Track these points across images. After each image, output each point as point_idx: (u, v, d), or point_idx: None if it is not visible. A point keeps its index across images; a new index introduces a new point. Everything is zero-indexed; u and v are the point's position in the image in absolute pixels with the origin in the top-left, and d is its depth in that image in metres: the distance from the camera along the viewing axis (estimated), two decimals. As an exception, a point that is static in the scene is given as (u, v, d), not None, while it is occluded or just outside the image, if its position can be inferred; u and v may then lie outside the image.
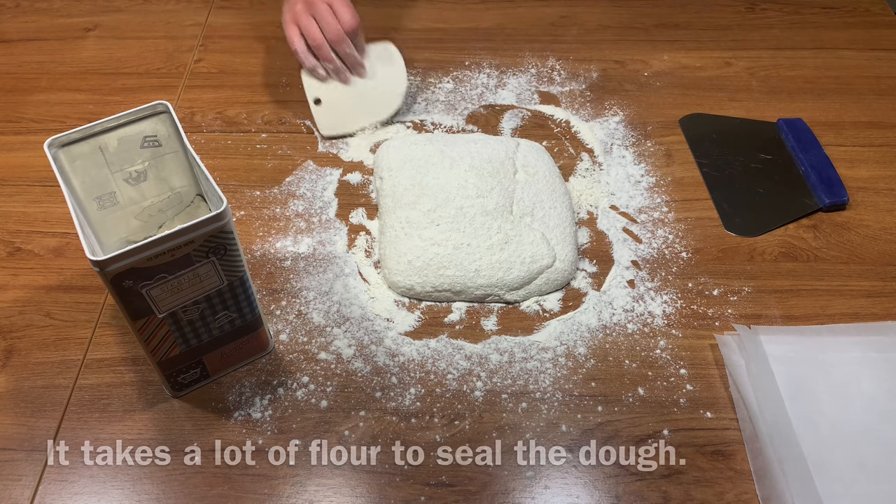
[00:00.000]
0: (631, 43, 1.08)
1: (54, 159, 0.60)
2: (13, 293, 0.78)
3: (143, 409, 0.69)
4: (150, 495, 0.64)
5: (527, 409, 0.69)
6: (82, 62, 1.05)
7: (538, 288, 0.77)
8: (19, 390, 0.70)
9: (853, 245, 0.82)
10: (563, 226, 0.80)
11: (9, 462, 0.66)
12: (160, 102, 0.63)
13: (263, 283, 0.79)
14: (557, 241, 0.79)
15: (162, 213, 0.70)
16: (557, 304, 0.77)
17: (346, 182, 0.89)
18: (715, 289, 0.78)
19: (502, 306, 0.77)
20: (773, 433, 0.65)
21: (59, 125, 0.95)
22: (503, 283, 0.76)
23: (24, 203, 0.86)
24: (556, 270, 0.78)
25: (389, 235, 0.79)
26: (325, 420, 0.68)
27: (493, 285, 0.76)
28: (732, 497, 0.64)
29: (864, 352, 0.72)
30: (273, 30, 1.10)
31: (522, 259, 0.77)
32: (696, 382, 0.71)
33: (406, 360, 0.73)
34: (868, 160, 0.92)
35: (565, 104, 0.99)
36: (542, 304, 0.77)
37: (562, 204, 0.83)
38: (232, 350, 0.69)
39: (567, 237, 0.80)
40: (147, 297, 0.58)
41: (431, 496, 0.64)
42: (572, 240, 0.80)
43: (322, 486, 0.64)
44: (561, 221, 0.81)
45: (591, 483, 0.65)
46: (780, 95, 1.00)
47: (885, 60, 1.05)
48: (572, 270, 0.79)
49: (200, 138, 0.94)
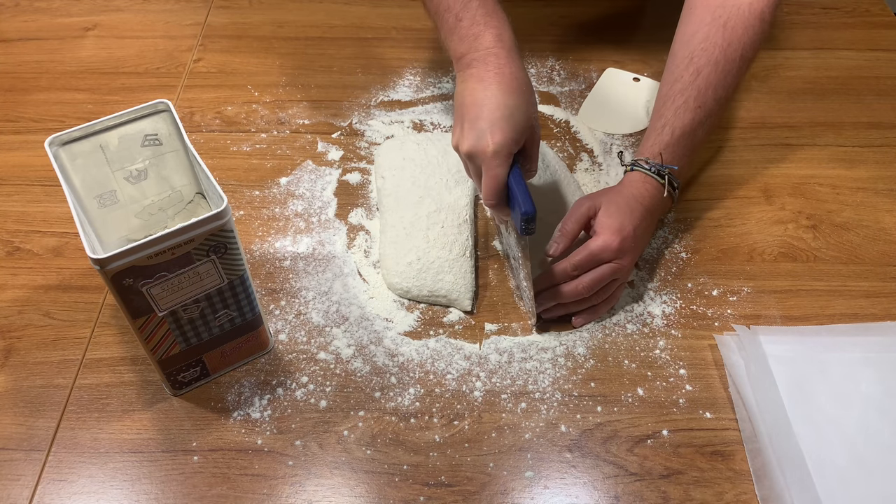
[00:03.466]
0: (631, 43, 1.08)
1: (55, 158, 0.60)
2: (12, 293, 0.78)
3: (141, 410, 0.69)
4: (149, 495, 0.64)
5: (526, 409, 0.69)
6: (81, 62, 1.05)
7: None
8: (18, 390, 0.70)
9: (852, 245, 0.82)
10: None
11: (7, 462, 0.66)
12: (161, 101, 0.63)
13: (262, 282, 0.78)
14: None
15: (162, 211, 0.70)
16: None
17: (345, 182, 0.89)
18: (714, 289, 0.78)
19: (501, 306, 0.77)
20: (772, 433, 0.65)
21: (59, 125, 0.95)
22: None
23: (23, 203, 0.86)
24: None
25: (390, 235, 0.79)
26: (324, 420, 0.68)
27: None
28: (732, 497, 0.64)
29: (864, 352, 0.72)
30: (273, 29, 1.10)
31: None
32: (695, 382, 0.71)
33: (405, 360, 0.72)
34: (868, 160, 0.92)
35: (565, 104, 0.99)
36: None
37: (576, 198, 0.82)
38: (232, 349, 0.69)
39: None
40: (147, 295, 0.58)
41: (430, 496, 0.64)
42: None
43: (321, 486, 0.64)
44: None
45: (590, 483, 0.65)
46: (780, 95, 1.00)
47: (885, 60, 1.05)
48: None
49: (200, 138, 0.94)
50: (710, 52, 0.77)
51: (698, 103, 0.77)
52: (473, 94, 0.69)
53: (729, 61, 0.77)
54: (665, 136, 0.77)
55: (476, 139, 0.67)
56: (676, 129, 0.77)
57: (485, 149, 0.67)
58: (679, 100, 0.77)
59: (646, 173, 0.77)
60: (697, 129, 0.78)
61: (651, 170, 0.77)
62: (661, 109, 0.79)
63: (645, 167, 0.77)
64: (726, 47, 0.77)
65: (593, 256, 0.71)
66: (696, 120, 0.77)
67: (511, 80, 0.69)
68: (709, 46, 0.77)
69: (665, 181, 0.76)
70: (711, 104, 0.78)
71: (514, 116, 0.67)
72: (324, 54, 1.06)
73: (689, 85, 0.77)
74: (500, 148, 0.66)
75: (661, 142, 0.77)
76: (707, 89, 0.77)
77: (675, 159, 0.78)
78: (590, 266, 0.72)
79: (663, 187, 0.76)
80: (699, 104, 0.77)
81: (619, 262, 0.72)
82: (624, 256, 0.72)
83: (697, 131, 0.78)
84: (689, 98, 0.77)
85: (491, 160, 0.67)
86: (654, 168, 0.77)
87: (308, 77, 1.02)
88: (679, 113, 0.77)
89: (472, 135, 0.68)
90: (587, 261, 0.71)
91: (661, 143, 0.77)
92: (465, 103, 0.69)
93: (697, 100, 0.77)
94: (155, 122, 0.64)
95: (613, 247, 0.71)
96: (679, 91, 0.78)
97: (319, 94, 1.00)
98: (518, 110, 0.68)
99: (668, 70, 0.81)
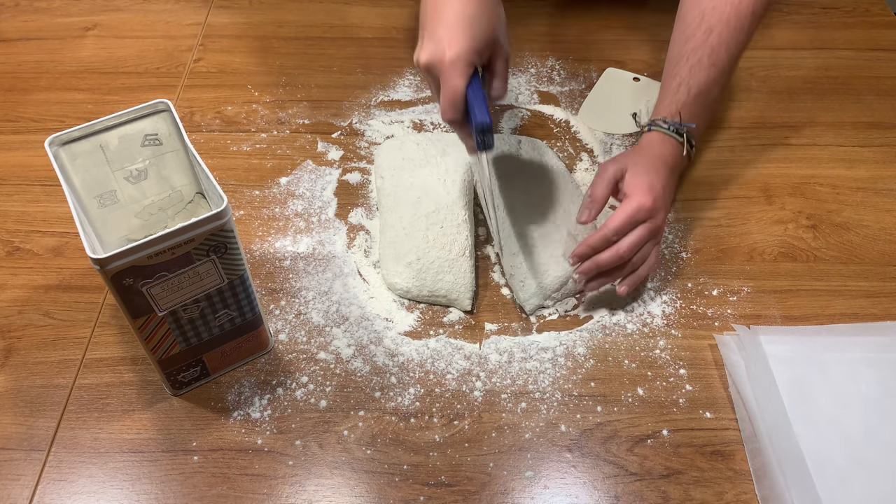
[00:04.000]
0: (631, 43, 1.08)
1: (55, 157, 0.60)
2: (12, 293, 0.78)
3: (141, 409, 0.69)
4: (149, 495, 0.64)
5: (526, 409, 0.69)
6: (81, 61, 1.05)
7: (573, 287, 0.76)
8: (18, 390, 0.70)
9: (853, 245, 0.83)
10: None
11: (7, 462, 0.66)
12: (161, 101, 0.63)
13: (262, 282, 0.78)
14: (582, 236, 0.79)
15: (162, 211, 0.70)
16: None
17: (345, 182, 0.89)
18: (714, 289, 0.78)
19: (501, 306, 0.77)
20: (772, 433, 0.65)
21: (59, 124, 0.95)
22: (542, 288, 0.75)
23: (22, 202, 0.86)
24: None
25: (390, 235, 0.79)
26: (324, 420, 0.68)
27: (534, 294, 0.75)
28: (732, 497, 0.64)
29: (864, 352, 0.72)
30: (273, 29, 1.10)
31: (556, 259, 0.76)
32: (695, 382, 0.71)
33: (405, 360, 0.72)
34: (868, 160, 0.92)
35: (565, 104, 0.99)
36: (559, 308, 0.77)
37: (577, 199, 0.82)
38: (232, 349, 0.69)
39: (589, 231, 0.79)
40: (147, 295, 0.58)
41: (430, 496, 0.64)
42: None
43: (321, 486, 0.64)
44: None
45: (590, 483, 0.65)
46: (780, 95, 1.00)
47: (885, 60, 1.05)
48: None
49: (200, 138, 0.94)
50: (721, 9, 0.78)
51: (712, 61, 0.78)
52: (435, 4, 0.68)
53: (741, 18, 0.78)
54: (681, 96, 0.79)
55: (434, 48, 0.66)
56: (692, 87, 0.78)
57: (442, 58, 0.66)
58: (693, 58, 0.78)
59: (665, 132, 0.78)
60: (713, 86, 0.79)
61: (670, 129, 0.78)
62: (674, 69, 0.80)
63: (664, 126, 0.78)
64: (738, 4, 0.78)
65: (630, 218, 0.70)
66: (711, 78, 0.78)
67: None
68: (719, 4, 0.78)
69: (684, 139, 0.78)
70: (725, 62, 0.78)
71: (473, 26, 0.66)
72: (324, 54, 1.06)
73: (702, 43, 0.78)
74: (458, 57, 0.65)
75: (677, 101, 0.79)
76: (720, 47, 0.78)
77: (692, 118, 0.79)
78: (628, 228, 0.71)
79: (682, 146, 0.78)
80: (713, 62, 0.78)
81: (654, 222, 0.72)
82: (657, 215, 0.72)
83: (713, 89, 0.79)
84: (703, 56, 0.78)
85: (448, 70, 0.66)
86: (673, 127, 0.78)
87: (308, 77, 1.02)
88: (694, 72, 0.78)
89: (430, 45, 0.67)
90: (625, 223, 0.70)
91: (678, 103, 0.79)
92: (427, 15, 0.69)
93: (711, 58, 0.78)
94: (155, 122, 0.64)
95: (647, 206, 0.71)
96: (692, 50, 0.78)
97: (319, 94, 1.00)
98: (478, 20, 0.67)
99: (678, 30, 0.82)
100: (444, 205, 0.80)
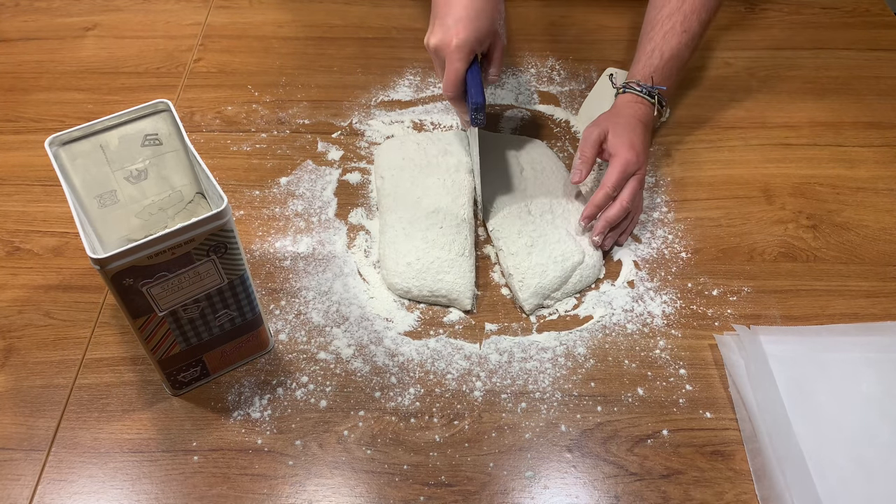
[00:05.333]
0: (631, 43, 1.08)
1: (55, 157, 0.60)
2: (12, 293, 0.78)
3: (141, 409, 0.69)
4: (149, 495, 0.64)
5: (526, 409, 0.69)
6: (81, 61, 1.05)
7: (573, 287, 0.77)
8: (18, 390, 0.70)
9: (853, 245, 0.83)
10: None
11: (7, 462, 0.66)
12: (161, 101, 0.63)
13: (263, 282, 0.78)
14: (581, 236, 0.79)
15: (162, 211, 0.70)
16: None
17: (345, 182, 0.89)
18: (714, 289, 0.78)
19: (501, 306, 0.77)
20: (772, 433, 0.65)
21: (59, 124, 0.95)
22: (542, 288, 0.75)
23: (23, 202, 0.86)
24: (587, 266, 0.77)
25: (389, 235, 0.79)
26: (324, 420, 0.68)
27: (534, 294, 0.75)
28: (732, 497, 0.64)
29: (864, 352, 0.72)
30: (273, 29, 1.10)
31: (554, 258, 0.76)
32: (695, 382, 0.71)
33: (405, 360, 0.72)
34: (868, 160, 0.92)
35: (565, 104, 0.99)
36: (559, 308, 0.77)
37: (577, 199, 0.83)
38: (232, 349, 0.69)
39: (587, 230, 0.80)
40: (147, 295, 0.58)
41: (430, 496, 0.64)
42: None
43: (321, 486, 0.64)
44: (579, 216, 0.80)
45: (590, 483, 0.65)
46: (780, 95, 1.00)
47: (885, 60, 1.05)
48: (600, 266, 0.79)
49: (200, 138, 0.94)
50: None
51: (684, 27, 0.86)
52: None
53: None
54: (655, 60, 0.86)
55: (443, 35, 0.76)
56: (665, 52, 0.85)
57: (448, 43, 0.75)
58: (667, 24, 0.86)
59: (638, 94, 0.85)
60: (683, 51, 0.86)
61: (643, 91, 0.85)
62: (650, 34, 0.87)
63: (637, 89, 0.85)
64: None
65: (622, 173, 0.78)
66: (683, 43, 0.86)
67: None
68: None
69: (655, 100, 0.85)
70: (696, 27, 0.86)
71: (479, 18, 0.76)
72: (324, 54, 1.06)
73: (676, 10, 0.86)
74: (462, 44, 0.75)
75: (650, 65, 0.86)
76: (692, 14, 0.86)
77: (663, 80, 0.86)
78: (623, 182, 0.78)
79: (653, 106, 0.85)
80: (685, 28, 0.86)
81: (640, 172, 0.80)
82: (642, 167, 0.80)
83: (683, 53, 0.86)
84: (676, 23, 0.86)
85: (453, 53, 0.75)
86: (646, 90, 0.85)
87: (308, 77, 1.02)
88: (668, 37, 0.86)
89: (439, 31, 0.76)
90: (620, 178, 0.78)
91: (650, 67, 0.86)
92: (439, 4, 0.78)
93: (684, 24, 0.86)
94: (155, 122, 0.64)
95: (633, 160, 0.78)
96: (667, 16, 0.86)
97: (319, 94, 1.00)
98: (483, 13, 0.76)
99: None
100: (444, 205, 0.80)
